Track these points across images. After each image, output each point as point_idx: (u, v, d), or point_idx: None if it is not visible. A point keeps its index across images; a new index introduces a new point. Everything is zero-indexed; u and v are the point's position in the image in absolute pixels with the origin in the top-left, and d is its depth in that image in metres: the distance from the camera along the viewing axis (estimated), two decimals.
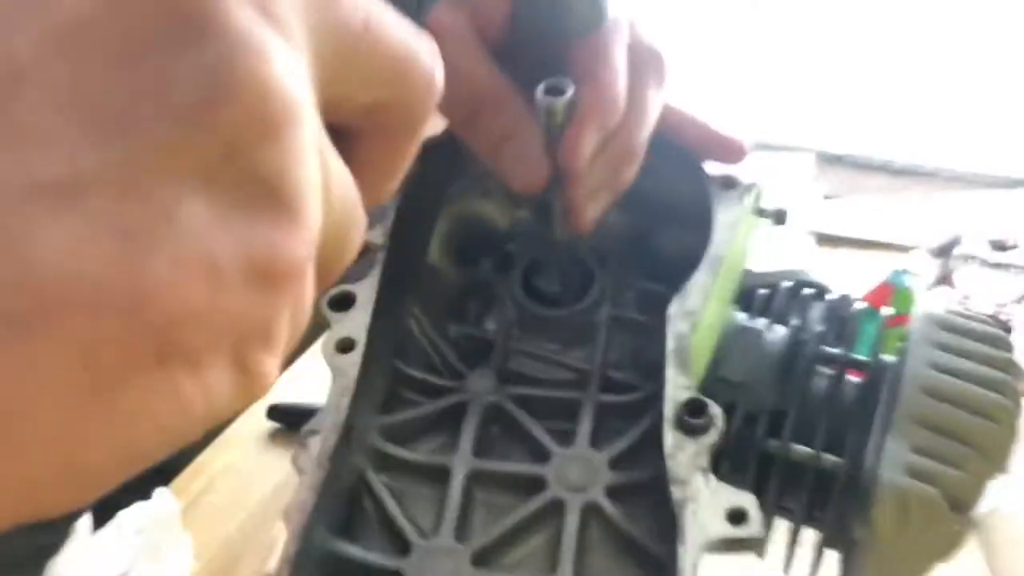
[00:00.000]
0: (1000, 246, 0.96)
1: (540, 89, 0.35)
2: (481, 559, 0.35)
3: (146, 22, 0.15)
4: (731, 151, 0.44)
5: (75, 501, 0.16)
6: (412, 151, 0.23)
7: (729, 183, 0.42)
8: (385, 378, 0.41)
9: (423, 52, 0.21)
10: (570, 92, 0.34)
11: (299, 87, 0.17)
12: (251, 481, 0.80)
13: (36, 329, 0.14)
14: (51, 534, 0.58)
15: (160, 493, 0.72)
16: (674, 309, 0.37)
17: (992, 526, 0.67)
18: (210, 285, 0.16)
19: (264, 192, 0.17)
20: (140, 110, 0.15)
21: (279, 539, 0.73)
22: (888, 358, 0.40)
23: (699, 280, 0.38)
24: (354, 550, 0.35)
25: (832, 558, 0.42)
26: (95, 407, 0.15)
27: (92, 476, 0.16)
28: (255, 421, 0.86)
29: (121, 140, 0.15)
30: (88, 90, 0.15)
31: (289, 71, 0.17)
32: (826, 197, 1.19)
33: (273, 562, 0.72)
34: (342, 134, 0.21)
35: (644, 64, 0.40)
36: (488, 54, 0.39)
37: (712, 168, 0.43)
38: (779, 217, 0.46)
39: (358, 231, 0.21)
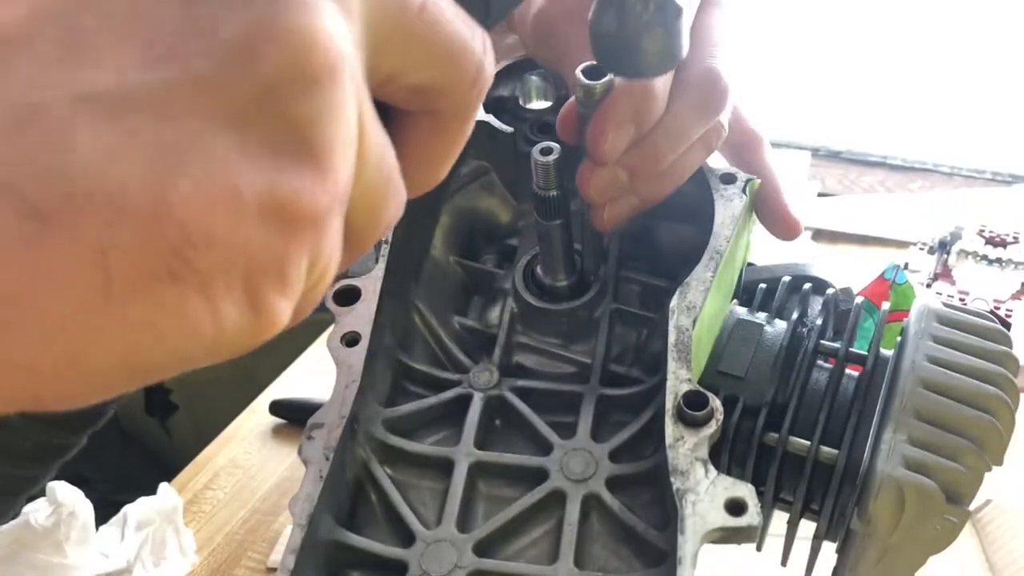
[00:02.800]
0: (997, 242, 0.96)
1: (580, 69, 0.35)
2: (484, 549, 0.35)
3: None
4: (785, 228, 0.44)
5: (75, 398, 0.17)
6: (459, 139, 0.24)
7: (729, 178, 0.42)
8: (389, 371, 0.41)
9: (476, 42, 0.22)
10: (608, 78, 0.35)
11: (343, 46, 0.18)
12: (254, 476, 0.81)
13: (59, 223, 0.15)
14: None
15: (163, 488, 0.72)
16: (675, 303, 0.37)
17: (989, 518, 0.67)
18: (230, 214, 0.17)
19: (295, 139, 0.17)
20: (188, 44, 0.16)
21: (282, 533, 0.74)
22: (886, 352, 0.41)
23: (700, 274, 0.38)
24: (359, 540, 0.35)
25: (829, 550, 0.42)
26: (104, 309, 0.16)
27: (94, 376, 0.17)
28: (258, 416, 0.87)
29: (165, 67, 0.16)
30: (143, 20, 0.16)
31: (336, 29, 0.18)
32: (824, 193, 1.19)
33: (278, 553, 0.72)
34: (393, 115, 0.22)
35: (690, 83, 0.38)
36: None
37: (711, 162, 0.44)
38: None
39: (394, 202, 0.22)
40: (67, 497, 0.64)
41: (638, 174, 0.38)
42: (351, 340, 0.38)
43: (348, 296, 0.39)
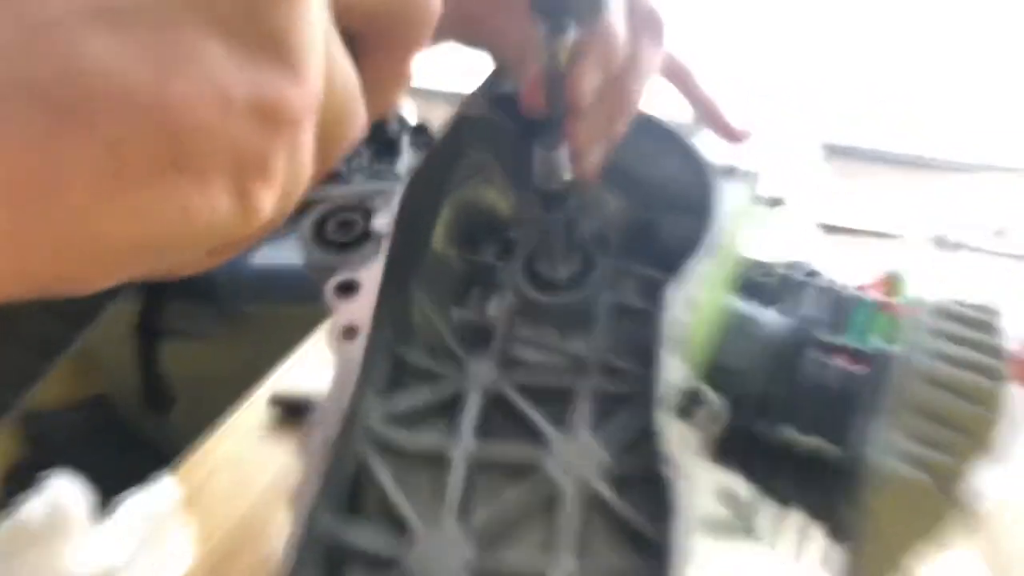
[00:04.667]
0: (997, 235, 0.96)
1: (542, 28, 0.35)
2: (483, 543, 0.35)
3: None
4: (731, 135, 0.49)
5: (91, 278, 0.19)
6: (407, 64, 0.27)
7: (729, 171, 0.43)
8: (388, 364, 0.41)
9: None
10: (572, 32, 0.35)
11: None
12: (253, 470, 0.80)
13: (78, 117, 0.17)
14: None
15: (162, 482, 0.72)
16: (672, 295, 0.37)
17: (989, 514, 0.67)
18: (221, 111, 0.19)
19: (274, 45, 0.20)
20: None
21: (282, 527, 0.74)
22: (884, 345, 0.41)
23: (698, 267, 0.38)
24: (357, 535, 0.36)
25: (820, 541, 0.42)
26: (117, 195, 0.18)
27: (108, 256, 0.19)
28: (256, 410, 0.87)
29: None
30: None
31: None
32: (826, 186, 1.19)
33: (277, 547, 0.72)
34: (352, 42, 0.24)
35: (642, 21, 0.42)
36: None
37: (711, 157, 0.44)
38: (775, 202, 0.46)
39: (357, 119, 0.25)
40: (64, 491, 0.64)
41: (612, 115, 0.41)
42: (350, 333, 0.38)
43: (347, 289, 0.39)
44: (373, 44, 0.26)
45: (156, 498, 0.71)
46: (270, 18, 0.20)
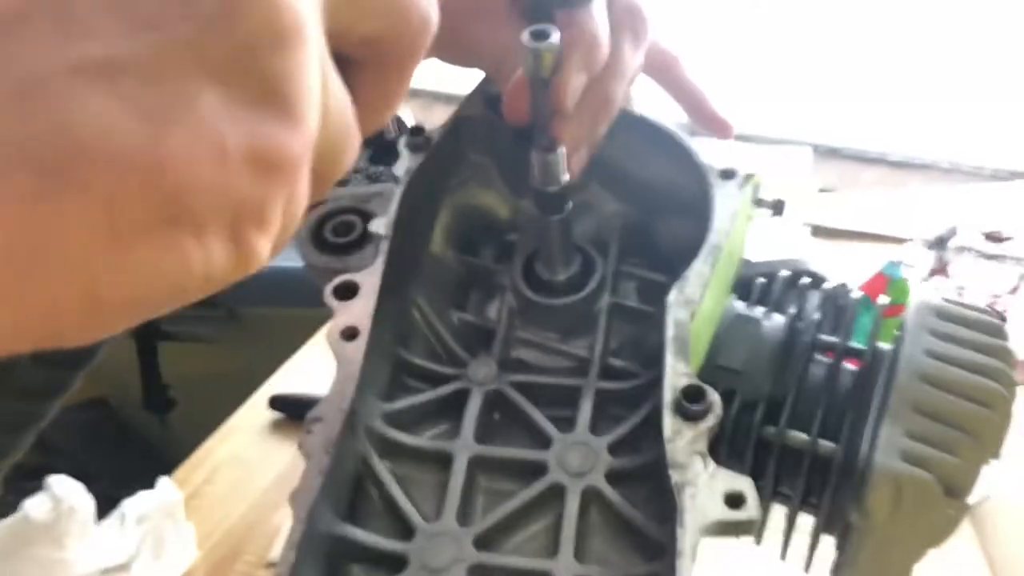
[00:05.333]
0: (995, 237, 0.96)
1: (526, 35, 0.35)
2: (483, 543, 0.36)
3: None
4: (718, 128, 0.49)
5: (90, 332, 0.19)
6: (404, 84, 0.27)
7: (728, 174, 0.43)
8: (388, 365, 0.41)
9: None
10: (555, 36, 0.35)
11: (307, 9, 0.20)
12: (253, 471, 0.81)
13: (70, 178, 0.17)
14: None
15: (163, 483, 0.72)
16: (673, 297, 0.37)
17: (988, 513, 0.67)
18: (217, 164, 0.19)
19: (270, 93, 0.20)
20: (168, 13, 0.18)
21: (282, 528, 0.74)
22: (884, 346, 0.41)
23: (698, 269, 0.38)
24: (358, 534, 0.36)
25: (828, 544, 0.42)
26: (112, 252, 0.18)
27: (104, 313, 0.19)
28: (257, 411, 0.87)
29: (150, 35, 0.18)
30: None
31: None
32: (823, 190, 1.19)
33: (278, 548, 0.72)
34: (346, 64, 0.24)
35: (621, 21, 0.42)
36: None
37: (710, 160, 0.44)
38: (777, 208, 0.46)
39: (351, 149, 0.24)
40: (67, 492, 0.64)
41: (596, 116, 0.41)
42: (350, 334, 0.38)
43: (347, 291, 0.39)
44: (368, 66, 0.25)
45: (157, 498, 0.71)
46: (269, 64, 0.19)
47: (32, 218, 0.17)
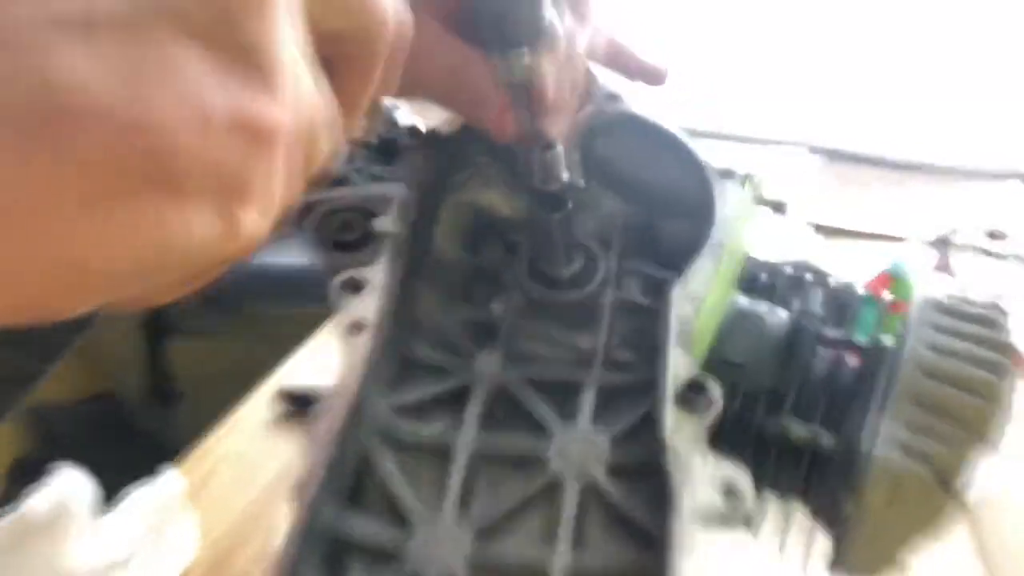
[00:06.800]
0: (996, 236, 0.96)
1: (497, 48, 0.35)
2: (483, 535, 0.36)
3: None
4: (653, 76, 0.49)
5: (71, 304, 0.19)
6: (368, 86, 0.26)
7: (728, 173, 0.43)
8: (394, 359, 0.42)
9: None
10: (524, 49, 0.35)
11: None
12: (256, 464, 0.81)
13: (46, 137, 0.16)
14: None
15: (167, 475, 0.73)
16: (677, 292, 0.38)
17: (982, 507, 0.67)
18: (200, 128, 0.18)
19: (253, 61, 0.19)
20: None
21: (285, 520, 0.74)
22: (887, 341, 0.41)
23: (702, 264, 0.39)
24: (359, 525, 0.36)
25: (819, 532, 0.42)
26: (89, 216, 0.17)
27: (87, 282, 0.18)
28: (260, 405, 0.87)
29: None
30: None
31: None
32: (823, 190, 1.20)
33: (279, 539, 0.73)
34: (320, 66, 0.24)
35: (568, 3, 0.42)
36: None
37: (711, 160, 0.44)
38: (778, 207, 0.47)
39: (327, 141, 0.24)
40: (69, 484, 0.64)
41: (573, 95, 0.43)
42: (356, 328, 0.38)
43: (353, 286, 0.39)
44: (335, 65, 0.25)
45: (161, 492, 0.71)
46: (244, 29, 0.19)
47: (11, 180, 0.16)
